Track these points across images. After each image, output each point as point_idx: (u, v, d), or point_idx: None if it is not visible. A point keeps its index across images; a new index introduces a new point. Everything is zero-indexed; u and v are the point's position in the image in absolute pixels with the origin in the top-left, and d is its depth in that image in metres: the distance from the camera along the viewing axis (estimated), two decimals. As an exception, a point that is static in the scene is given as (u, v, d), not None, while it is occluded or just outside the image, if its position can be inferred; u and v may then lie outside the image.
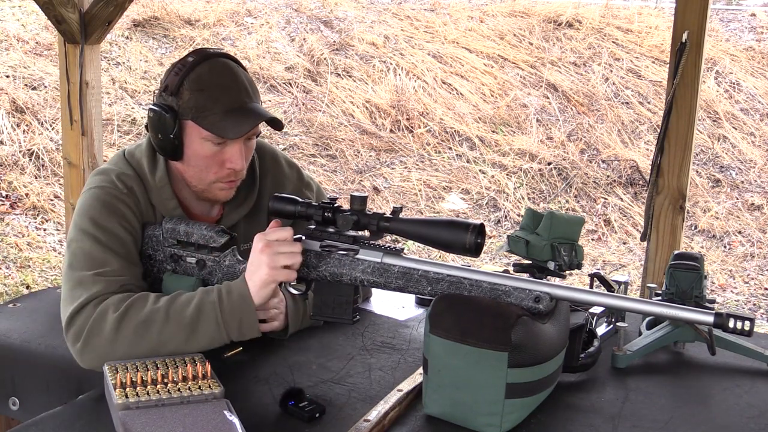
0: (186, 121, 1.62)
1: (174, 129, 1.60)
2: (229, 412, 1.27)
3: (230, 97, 1.61)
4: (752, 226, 6.36)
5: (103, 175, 1.69)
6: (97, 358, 1.48)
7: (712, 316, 1.25)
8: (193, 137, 1.62)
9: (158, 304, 1.50)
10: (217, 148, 1.63)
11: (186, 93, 1.61)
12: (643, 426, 1.38)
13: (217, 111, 1.60)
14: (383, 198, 6.25)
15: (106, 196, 1.64)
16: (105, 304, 1.50)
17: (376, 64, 7.61)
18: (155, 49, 7.16)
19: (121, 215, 1.63)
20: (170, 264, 1.65)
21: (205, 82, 1.61)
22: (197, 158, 1.64)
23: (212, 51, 1.67)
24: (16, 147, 5.61)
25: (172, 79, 1.63)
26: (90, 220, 1.60)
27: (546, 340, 1.34)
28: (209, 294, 1.51)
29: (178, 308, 1.49)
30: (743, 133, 7.51)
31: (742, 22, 9.03)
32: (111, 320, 1.47)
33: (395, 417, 1.39)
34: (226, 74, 1.63)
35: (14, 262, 4.77)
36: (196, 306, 1.50)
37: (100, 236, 1.58)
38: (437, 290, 1.40)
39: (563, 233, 1.56)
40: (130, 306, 1.49)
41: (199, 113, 1.60)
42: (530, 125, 7.29)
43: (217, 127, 1.59)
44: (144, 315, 1.48)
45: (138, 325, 1.47)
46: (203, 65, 1.62)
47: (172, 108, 1.61)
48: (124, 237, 1.61)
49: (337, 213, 1.48)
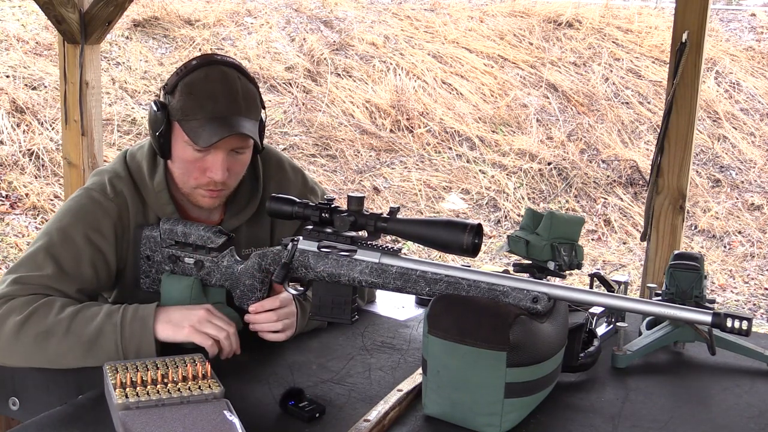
0: (174, 122, 1.62)
1: (161, 127, 1.61)
2: (229, 412, 1.27)
3: (215, 106, 1.60)
4: (752, 226, 6.36)
5: (97, 176, 1.71)
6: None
7: (710, 315, 1.25)
8: (178, 139, 1.63)
9: (61, 315, 1.50)
10: (199, 155, 1.62)
11: (177, 94, 1.62)
12: (643, 426, 1.38)
13: (199, 117, 1.59)
14: (383, 198, 6.25)
15: (88, 202, 1.65)
16: (10, 304, 1.51)
17: (376, 64, 7.61)
18: (155, 49, 7.16)
19: (94, 226, 1.63)
20: (168, 265, 1.65)
21: (196, 87, 1.61)
22: (180, 161, 1.65)
23: (218, 58, 1.66)
24: (16, 147, 5.61)
25: (172, 79, 1.64)
26: (58, 224, 1.63)
27: (544, 339, 1.34)
28: (112, 316, 1.51)
29: (80, 323, 1.50)
30: (743, 133, 7.51)
31: (742, 22, 9.03)
32: (12, 324, 1.48)
33: (395, 417, 1.38)
34: (219, 82, 1.62)
35: (14, 262, 4.77)
36: (98, 326, 1.50)
37: (55, 240, 1.60)
38: (435, 291, 1.40)
39: (563, 233, 1.56)
40: (33, 312, 1.49)
41: (184, 116, 1.60)
42: (530, 125, 7.29)
43: (194, 132, 1.59)
44: (45, 325, 1.49)
45: (38, 335, 1.48)
46: (201, 70, 1.62)
47: (165, 106, 1.62)
48: (81, 250, 1.61)
49: (335, 213, 1.48)
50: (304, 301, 1.69)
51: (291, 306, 1.63)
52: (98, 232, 1.63)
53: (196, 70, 1.62)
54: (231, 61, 1.67)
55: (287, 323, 1.62)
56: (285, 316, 1.61)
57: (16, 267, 1.60)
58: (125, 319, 1.50)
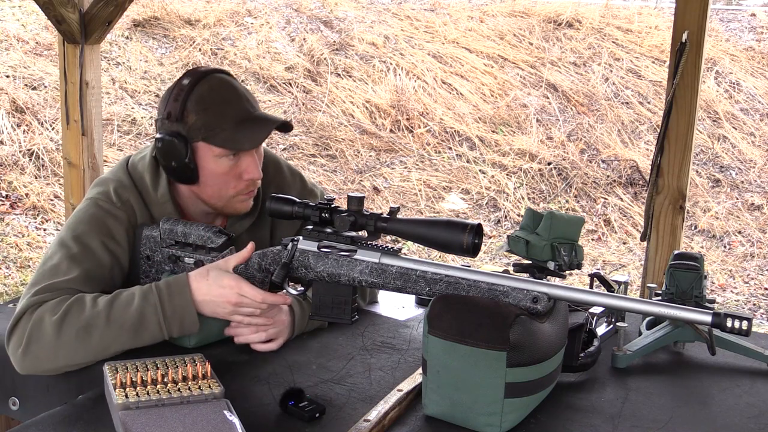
0: (197, 143, 1.61)
1: (187, 154, 1.60)
2: (229, 412, 1.27)
3: (236, 109, 1.62)
4: (752, 226, 6.36)
5: (101, 186, 1.70)
6: (37, 365, 1.49)
7: (710, 315, 1.25)
8: (207, 157, 1.62)
9: (97, 307, 1.50)
10: (233, 162, 1.63)
11: (191, 116, 1.60)
12: (643, 426, 1.38)
13: (227, 126, 1.60)
14: (383, 198, 6.25)
15: (97, 211, 1.64)
16: (42, 309, 1.50)
17: (376, 64, 7.61)
18: (155, 49, 7.16)
19: (108, 234, 1.63)
20: (168, 264, 1.65)
21: (208, 100, 1.61)
22: (214, 177, 1.64)
23: (204, 69, 1.67)
24: (16, 147, 5.61)
25: (173, 105, 1.62)
26: (72, 234, 1.62)
27: (544, 339, 1.34)
28: (149, 296, 1.51)
29: (119, 311, 1.50)
30: (743, 133, 7.51)
31: (742, 22, 9.03)
32: (50, 325, 1.48)
33: (395, 417, 1.38)
34: (225, 88, 1.63)
35: (14, 262, 4.77)
36: (138, 310, 1.50)
37: (74, 250, 1.59)
38: (435, 291, 1.39)
39: (563, 233, 1.56)
40: (68, 310, 1.49)
41: (209, 132, 1.60)
42: (530, 125, 7.29)
43: (232, 141, 1.60)
44: (84, 319, 1.48)
45: (79, 330, 1.48)
46: (201, 84, 1.62)
47: (179, 133, 1.61)
48: (99, 254, 1.61)
49: (335, 213, 1.48)
50: (307, 305, 1.69)
51: (280, 315, 1.63)
52: (113, 239, 1.64)
53: (195, 87, 1.62)
54: (214, 67, 1.69)
55: (273, 333, 1.62)
56: (271, 326, 1.61)
57: (38, 279, 1.57)
58: (162, 297, 1.51)
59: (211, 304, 1.53)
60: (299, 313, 1.67)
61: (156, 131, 1.67)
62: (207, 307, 1.53)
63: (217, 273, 1.54)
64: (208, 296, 1.53)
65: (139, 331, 1.51)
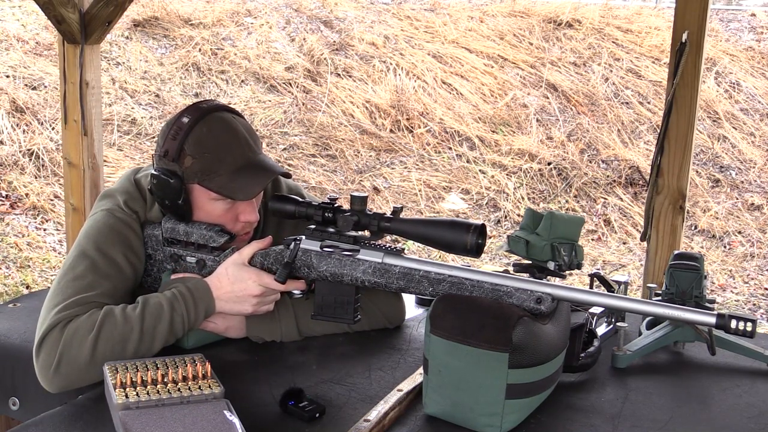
0: (192, 185, 1.59)
1: (181, 195, 1.58)
2: (229, 412, 1.27)
3: (234, 155, 1.58)
4: (752, 226, 6.36)
5: (110, 198, 1.67)
6: (68, 383, 1.47)
7: (715, 317, 1.25)
8: (202, 200, 1.60)
9: (130, 322, 1.48)
10: (228, 206, 1.61)
11: (188, 158, 1.57)
12: (643, 426, 1.38)
13: (224, 172, 1.57)
14: (383, 198, 6.25)
15: (114, 222, 1.62)
16: (72, 325, 1.46)
17: (376, 64, 7.61)
18: (155, 49, 7.16)
19: (127, 244, 1.61)
20: (170, 264, 1.65)
21: (206, 144, 1.57)
22: (209, 217, 1.62)
23: (205, 106, 1.62)
24: (16, 147, 5.61)
25: (171, 144, 1.58)
26: (94, 245, 1.58)
27: (547, 340, 1.34)
28: (175, 305, 1.52)
29: (149, 322, 1.49)
30: (743, 133, 7.50)
31: (742, 22, 9.03)
32: (84, 343, 1.44)
33: (395, 417, 1.38)
34: (225, 131, 1.59)
35: (14, 262, 4.76)
36: (168, 321, 1.50)
37: (98, 261, 1.56)
38: (439, 291, 1.39)
39: (563, 233, 1.56)
40: (101, 326, 1.46)
41: (206, 176, 1.57)
42: (530, 125, 7.29)
43: (227, 188, 1.57)
44: (119, 335, 1.47)
45: (115, 346, 1.46)
46: (200, 126, 1.58)
47: (175, 173, 1.57)
48: (124, 268, 1.60)
49: (338, 213, 1.48)
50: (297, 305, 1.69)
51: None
52: (131, 250, 1.62)
53: (194, 128, 1.58)
54: (217, 104, 1.65)
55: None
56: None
57: (62, 291, 1.52)
58: (188, 307, 1.53)
59: (235, 303, 1.55)
60: (295, 315, 1.69)
61: (153, 164, 1.64)
62: (228, 306, 1.56)
63: (234, 268, 1.55)
64: (231, 294, 1.54)
65: (168, 340, 1.53)
